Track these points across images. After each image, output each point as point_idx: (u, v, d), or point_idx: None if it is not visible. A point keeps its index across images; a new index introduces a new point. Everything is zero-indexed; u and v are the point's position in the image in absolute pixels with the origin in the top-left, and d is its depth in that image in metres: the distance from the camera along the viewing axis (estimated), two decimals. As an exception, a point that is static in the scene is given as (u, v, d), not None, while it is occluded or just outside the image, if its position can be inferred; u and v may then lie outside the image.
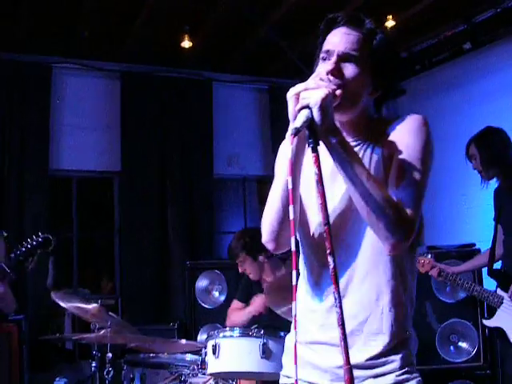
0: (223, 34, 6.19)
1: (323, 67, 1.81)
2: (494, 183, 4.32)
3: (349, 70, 1.81)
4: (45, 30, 5.85)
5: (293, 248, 1.54)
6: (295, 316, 1.57)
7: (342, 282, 1.82)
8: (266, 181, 7.19)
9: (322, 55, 1.85)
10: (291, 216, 1.55)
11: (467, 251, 5.09)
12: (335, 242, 1.61)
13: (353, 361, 1.54)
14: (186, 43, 5.94)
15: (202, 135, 6.79)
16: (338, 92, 1.76)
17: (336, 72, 1.78)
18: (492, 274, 4.45)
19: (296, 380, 1.57)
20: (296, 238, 1.71)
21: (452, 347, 5.15)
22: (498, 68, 6.04)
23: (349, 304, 1.79)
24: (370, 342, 1.83)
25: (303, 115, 1.62)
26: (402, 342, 1.85)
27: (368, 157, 1.84)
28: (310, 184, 1.84)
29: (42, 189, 6.19)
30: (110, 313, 3.81)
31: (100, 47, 6.31)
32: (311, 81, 1.71)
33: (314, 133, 1.62)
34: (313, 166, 1.58)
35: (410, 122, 1.85)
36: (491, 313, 4.31)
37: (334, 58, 1.80)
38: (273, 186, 1.93)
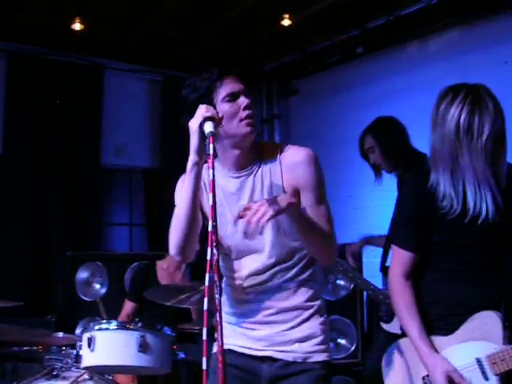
0: (117, 20, 6.03)
1: (233, 107, 2.24)
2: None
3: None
4: None
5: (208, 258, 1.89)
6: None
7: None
8: (153, 172, 7.09)
9: (227, 98, 2.24)
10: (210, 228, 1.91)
11: (349, 250, 5.20)
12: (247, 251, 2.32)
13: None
14: (77, 25, 5.73)
15: (90, 123, 6.58)
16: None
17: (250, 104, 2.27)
18: (384, 270, 4.41)
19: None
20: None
21: (331, 344, 5.24)
22: (386, 74, 6.23)
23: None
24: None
25: (209, 125, 2.07)
26: None
27: (265, 177, 2.29)
28: (221, 201, 2.31)
29: None
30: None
31: (-15, 24, 5.99)
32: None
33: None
34: (209, 169, 1.97)
35: (307, 164, 2.26)
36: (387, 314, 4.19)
37: (245, 98, 2.26)
38: (176, 208, 2.28)
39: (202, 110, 2.12)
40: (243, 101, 2.25)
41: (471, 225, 2.31)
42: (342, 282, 5.14)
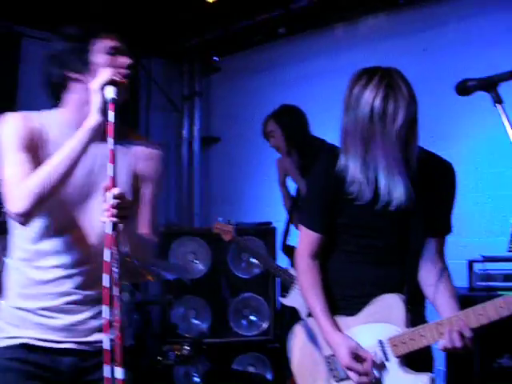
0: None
1: (112, 62, 2.10)
2: None
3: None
4: None
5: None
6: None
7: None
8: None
9: (109, 50, 2.11)
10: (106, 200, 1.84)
11: (263, 229, 5.30)
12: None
13: None
14: (-8, -10, 5.50)
15: (5, 93, 6.34)
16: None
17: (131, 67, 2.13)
18: (286, 250, 4.57)
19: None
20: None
21: (244, 321, 5.32)
22: (308, 56, 6.28)
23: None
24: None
25: (112, 90, 1.96)
26: None
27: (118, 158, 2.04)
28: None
29: None
30: None
31: None
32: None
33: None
34: (109, 137, 1.87)
35: (159, 161, 2.28)
36: (286, 290, 4.29)
37: (129, 59, 2.13)
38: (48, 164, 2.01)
39: (108, 73, 1.99)
40: (126, 60, 2.12)
41: (381, 210, 2.31)
42: (255, 261, 5.19)
